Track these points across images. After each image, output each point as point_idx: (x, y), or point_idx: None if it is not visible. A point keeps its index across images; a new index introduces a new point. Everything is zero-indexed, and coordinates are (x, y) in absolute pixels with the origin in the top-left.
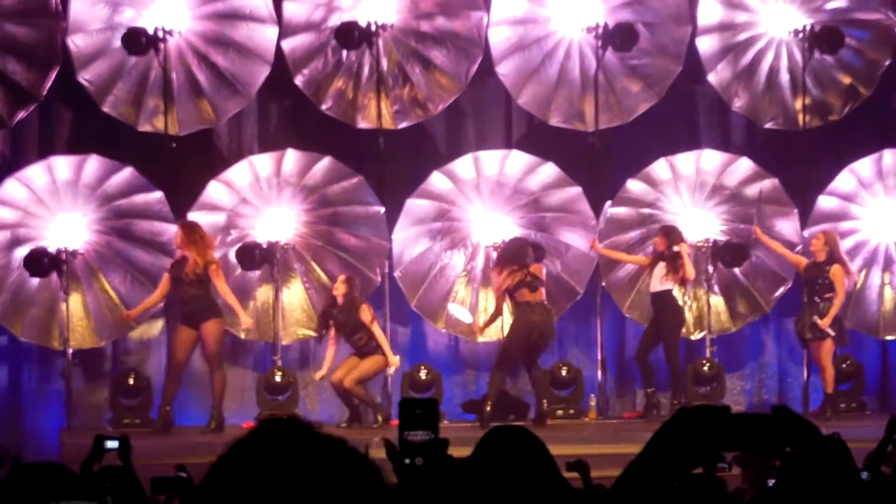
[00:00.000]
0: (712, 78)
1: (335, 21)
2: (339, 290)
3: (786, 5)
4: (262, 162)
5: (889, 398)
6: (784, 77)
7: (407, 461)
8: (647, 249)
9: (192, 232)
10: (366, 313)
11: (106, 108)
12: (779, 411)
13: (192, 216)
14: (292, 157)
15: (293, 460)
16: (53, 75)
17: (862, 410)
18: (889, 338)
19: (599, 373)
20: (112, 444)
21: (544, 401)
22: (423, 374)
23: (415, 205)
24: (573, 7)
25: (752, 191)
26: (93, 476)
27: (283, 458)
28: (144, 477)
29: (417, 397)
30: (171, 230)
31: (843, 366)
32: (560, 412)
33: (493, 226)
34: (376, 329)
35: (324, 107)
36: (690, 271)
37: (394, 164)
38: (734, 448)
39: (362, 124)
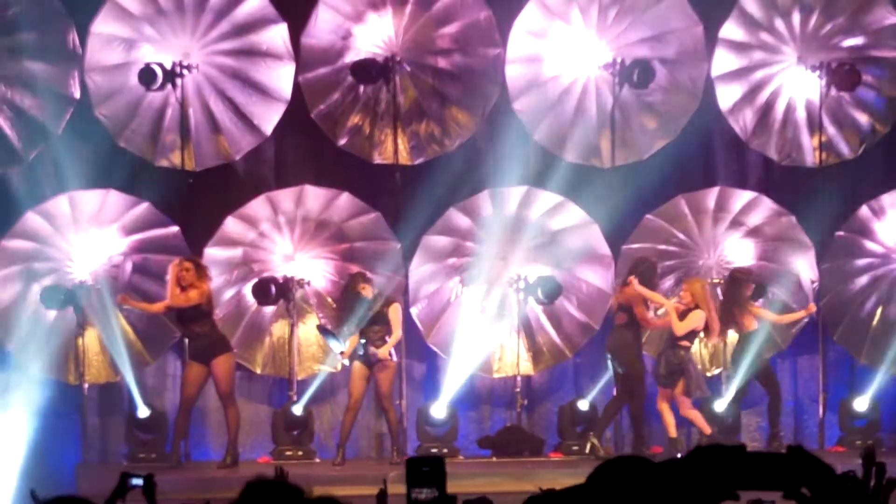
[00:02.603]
0: (729, 115)
1: (352, 57)
2: (367, 292)
3: (802, 43)
4: (279, 198)
5: None
6: (801, 115)
7: None
8: (664, 286)
9: (199, 267)
10: (397, 311)
11: (123, 144)
12: (794, 451)
13: (209, 252)
14: (309, 193)
15: None
16: (71, 111)
17: (878, 448)
18: None
19: None
20: (137, 481)
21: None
22: (438, 410)
23: (431, 241)
24: (590, 44)
25: (770, 228)
26: None
27: None
28: None
29: (424, 456)
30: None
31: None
32: (576, 448)
33: (509, 262)
34: (397, 330)
35: (340, 142)
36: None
37: (410, 200)
38: (749, 487)
39: (379, 160)
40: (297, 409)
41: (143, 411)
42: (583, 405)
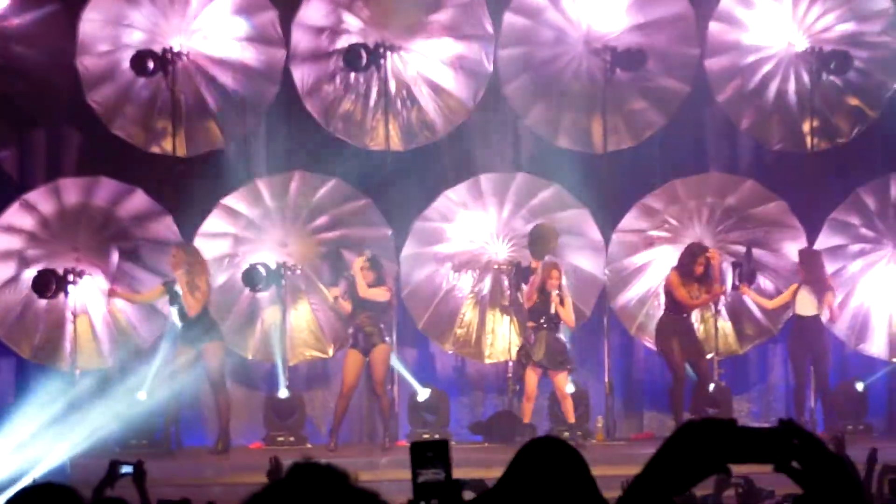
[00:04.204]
0: (721, 100)
1: (343, 43)
2: (368, 277)
3: (794, 28)
4: (270, 184)
5: None
6: (792, 99)
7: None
8: (663, 273)
9: (186, 255)
10: (383, 293)
11: (114, 130)
12: (786, 424)
13: (199, 238)
14: (300, 179)
15: None
16: (63, 97)
17: (868, 433)
18: None
19: (607, 394)
20: (127, 469)
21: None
22: (429, 396)
23: (423, 226)
24: (581, 29)
25: (759, 213)
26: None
27: None
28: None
29: (428, 440)
30: None
31: (850, 388)
32: (566, 433)
33: (500, 248)
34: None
35: (332, 129)
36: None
37: (402, 186)
38: (740, 461)
39: (370, 146)
40: (282, 393)
41: (142, 395)
42: (569, 389)
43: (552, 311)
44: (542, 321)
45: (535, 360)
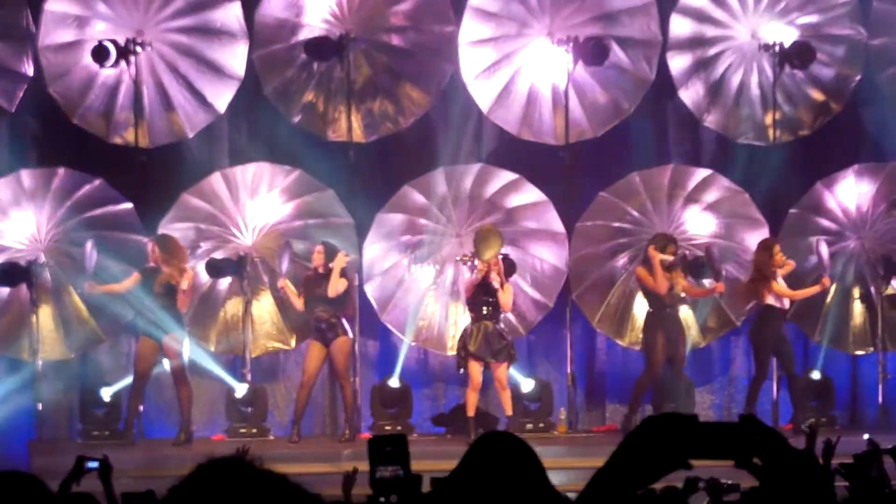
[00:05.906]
0: (683, 93)
1: (305, 34)
2: (317, 259)
3: (757, 20)
4: (233, 175)
5: (859, 413)
6: (755, 92)
7: (382, 500)
8: (618, 263)
9: (165, 247)
10: (343, 283)
11: (76, 121)
12: (746, 420)
13: (163, 229)
14: (262, 171)
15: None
16: (24, 88)
17: (832, 425)
18: (859, 353)
19: (569, 386)
20: (93, 464)
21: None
22: (392, 388)
23: (385, 218)
24: (543, 22)
25: (724, 205)
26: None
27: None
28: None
29: (387, 434)
30: (140, 242)
31: (809, 379)
32: (529, 426)
33: (462, 240)
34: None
35: (294, 120)
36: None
37: (364, 178)
38: (701, 456)
39: (332, 137)
40: (239, 392)
41: (106, 392)
42: (526, 386)
43: (493, 300)
44: (482, 312)
45: (472, 350)
